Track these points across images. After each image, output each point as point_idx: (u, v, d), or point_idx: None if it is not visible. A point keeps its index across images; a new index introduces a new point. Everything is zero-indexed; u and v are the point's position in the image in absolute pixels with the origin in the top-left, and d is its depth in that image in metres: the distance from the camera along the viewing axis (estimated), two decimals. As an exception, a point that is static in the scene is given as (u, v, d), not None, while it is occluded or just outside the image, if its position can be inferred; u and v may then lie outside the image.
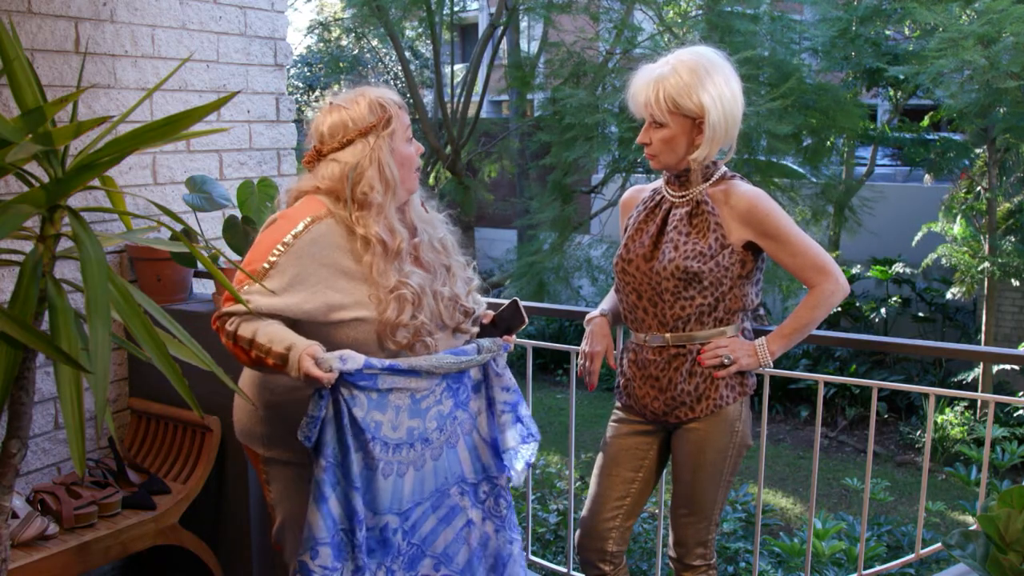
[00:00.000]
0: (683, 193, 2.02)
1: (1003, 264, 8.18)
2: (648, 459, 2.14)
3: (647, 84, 1.94)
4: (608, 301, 2.24)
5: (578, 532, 2.20)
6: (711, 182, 2.00)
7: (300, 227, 1.74)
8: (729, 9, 7.50)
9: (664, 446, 2.15)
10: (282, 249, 1.72)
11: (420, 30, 10.93)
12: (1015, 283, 8.52)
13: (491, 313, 2.01)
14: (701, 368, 1.99)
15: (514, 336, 1.99)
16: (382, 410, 1.77)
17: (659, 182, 2.12)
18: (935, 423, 7.72)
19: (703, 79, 1.91)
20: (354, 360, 1.68)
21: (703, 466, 2.05)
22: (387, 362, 1.74)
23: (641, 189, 2.18)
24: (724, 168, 2.02)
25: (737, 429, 2.04)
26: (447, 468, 1.90)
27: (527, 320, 1.98)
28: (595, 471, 2.20)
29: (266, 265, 1.71)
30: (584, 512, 2.20)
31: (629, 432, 2.15)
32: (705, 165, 1.99)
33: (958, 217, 8.98)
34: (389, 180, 1.79)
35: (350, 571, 1.80)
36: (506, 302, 2.01)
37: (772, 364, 2.03)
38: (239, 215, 2.57)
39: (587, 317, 2.22)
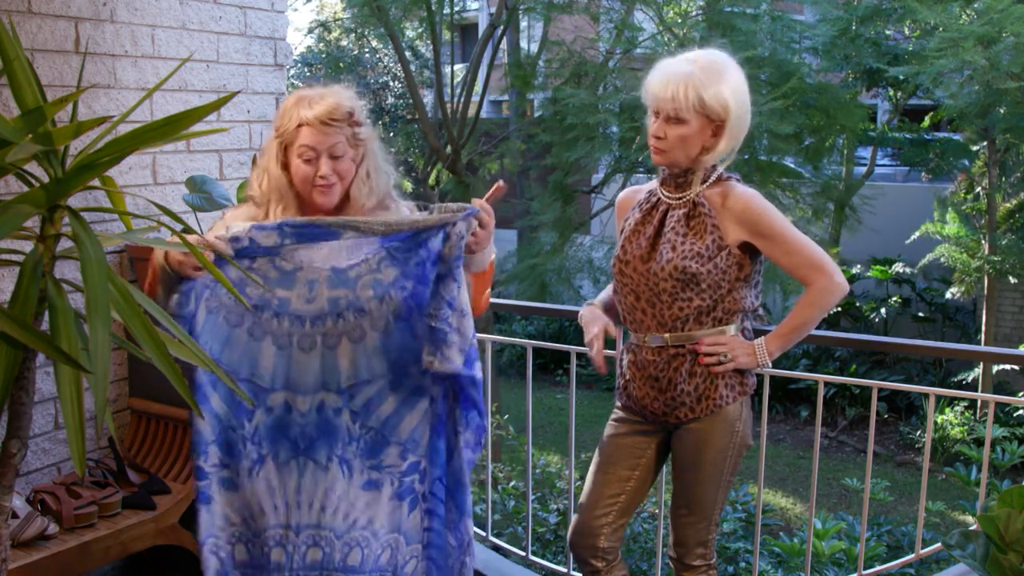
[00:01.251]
0: (679, 195, 2.02)
1: (1000, 262, 8.19)
2: (645, 458, 2.14)
3: (675, 78, 1.91)
4: (602, 295, 2.25)
5: (570, 528, 2.20)
6: (707, 184, 2.00)
7: (222, 217, 1.97)
8: (729, 9, 7.50)
9: (663, 446, 2.15)
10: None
11: (420, 30, 10.93)
12: (1013, 280, 8.52)
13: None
14: (701, 368, 1.99)
15: (486, 203, 1.79)
16: (288, 286, 1.77)
17: (653, 183, 2.12)
18: (935, 423, 7.72)
19: (727, 81, 1.92)
20: (238, 227, 1.71)
21: (703, 466, 2.04)
22: (275, 222, 1.72)
23: (637, 190, 2.18)
24: (720, 170, 2.02)
25: (737, 429, 2.04)
26: (401, 343, 1.80)
27: (503, 185, 1.80)
28: (591, 468, 2.20)
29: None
30: (577, 508, 2.20)
31: (628, 431, 2.15)
32: (704, 166, 2.00)
33: (948, 214, 8.99)
34: (271, 182, 1.87)
35: (247, 465, 1.80)
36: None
37: (771, 364, 2.03)
38: (239, 215, 2.56)
39: (580, 312, 2.23)
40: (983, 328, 8.58)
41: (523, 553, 2.96)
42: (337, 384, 1.80)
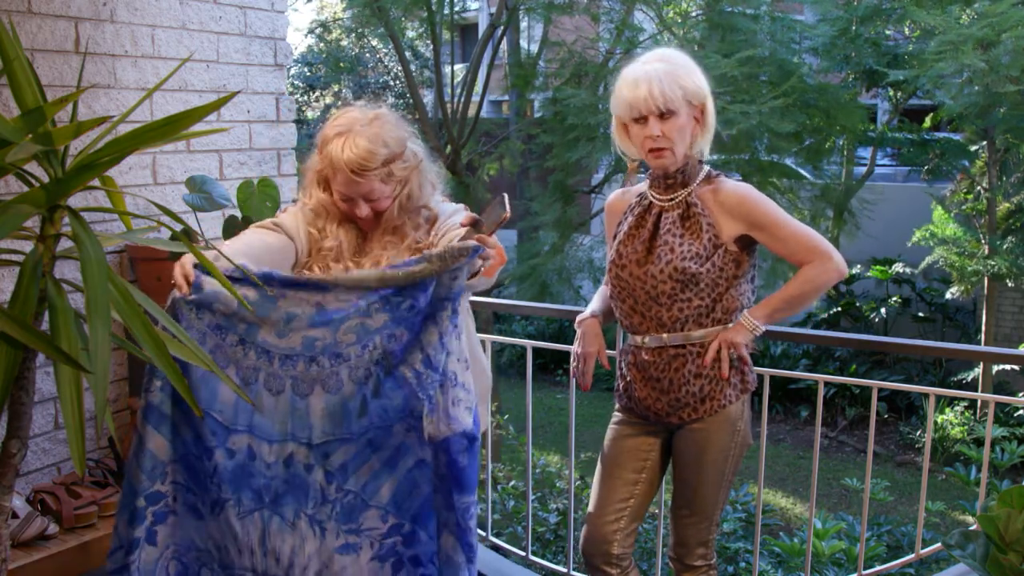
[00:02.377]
0: (671, 196, 2.02)
1: (997, 265, 8.19)
2: (651, 460, 2.13)
3: (652, 76, 1.91)
4: (598, 300, 2.23)
5: (581, 536, 2.17)
6: (698, 183, 2.00)
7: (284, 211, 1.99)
8: (730, 9, 7.49)
9: (666, 446, 2.14)
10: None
11: (420, 30, 10.93)
12: (1010, 284, 8.53)
13: (468, 216, 1.68)
14: (707, 369, 1.99)
15: (492, 236, 1.59)
16: (263, 312, 1.63)
17: (642, 186, 2.11)
18: (935, 423, 7.72)
19: (695, 69, 1.96)
20: (209, 283, 1.65)
21: (706, 466, 2.04)
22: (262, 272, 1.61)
23: (626, 192, 2.17)
24: (707, 168, 2.03)
25: (739, 428, 2.04)
26: (387, 403, 1.61)
27: (508, 213, 1.57)
28: (597, 476, 2.18)
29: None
30: (587, 516, 2.18)
31: (630, 434, 2.14)
32: (693, 162, 2.00)
33: (944, 215, 8.99)
34: (318, 201, 1.88)
35: (209, 500, 1.65)
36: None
37: (762, 329, 1.99)
38: (239, 215, 2.57)
39: (578, 318, 2.21)
40: (983, 328, 8.58)
41: (523, 553, 2.96)
42: (308, 438, 1.64)
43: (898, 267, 10.11)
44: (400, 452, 1.64)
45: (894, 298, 9.96)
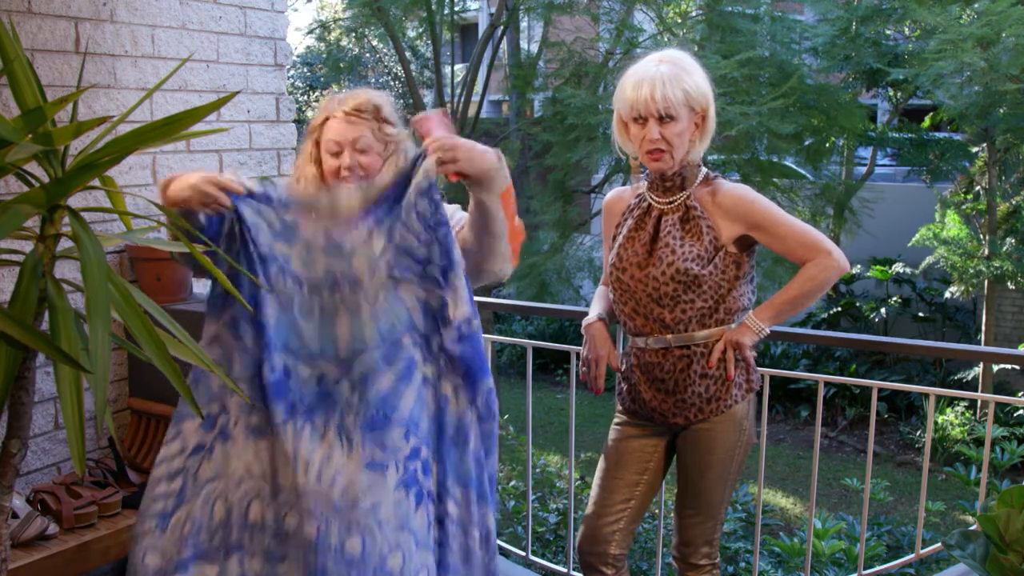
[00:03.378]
0: (670, 199, 2.01)
1: (998, 267, 8.19)
2: (653, 462, 2.13)
3: (656, 78, 1.91)
4: (601, 302, 2.21)
5: (580, 535, 2.17)
6: (696, 185, 2.00)
7: None
8: (730, 9, 7.49)
9: (669, 448, 2.14)
10: None
11: (420, 30, 10.93)
12: (1011, 286, 8.53)
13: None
14: (713, 370, 1.99)
15: (435, 139, 1.69)
16: (288, 241, 1.74)
17: (640, 187, 2.10)
18: (935, 423, 7.72)
19: (698, 72, 1.95)
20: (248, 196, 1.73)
21: (712, 466, 2.04)
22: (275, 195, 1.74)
23: (623, 192, 2.17)
24: (705, 170, 2.03)
25: (745, 428, 2.04)
26: (392, 311, 1.73)
27: (418, 119, 1.75)
28: (598, 475, 2.18)
29: None
30: (587, 515, 2.17)
31: (634, 436, 2.14)
32: (691, 165, 2.00)
33: (948, 215, 8.99)
34: (307, 182, 1.92)
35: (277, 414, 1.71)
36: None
37: (768, 331, 2.00)
38: (239, 215, 2.56)
39: (584, 323, 2.19)
40: (983, 328, 8.58)
41: (523, 553, 2.96)
42: (335, 354, 1.73)
43: (898, 267, 10.11)
44: (411, 366, 1.73)
45: (894, 298, 9.96)
